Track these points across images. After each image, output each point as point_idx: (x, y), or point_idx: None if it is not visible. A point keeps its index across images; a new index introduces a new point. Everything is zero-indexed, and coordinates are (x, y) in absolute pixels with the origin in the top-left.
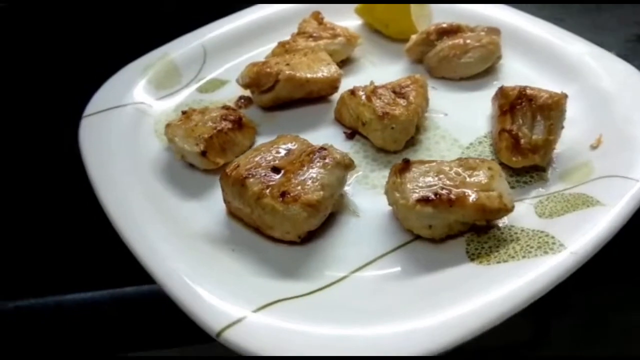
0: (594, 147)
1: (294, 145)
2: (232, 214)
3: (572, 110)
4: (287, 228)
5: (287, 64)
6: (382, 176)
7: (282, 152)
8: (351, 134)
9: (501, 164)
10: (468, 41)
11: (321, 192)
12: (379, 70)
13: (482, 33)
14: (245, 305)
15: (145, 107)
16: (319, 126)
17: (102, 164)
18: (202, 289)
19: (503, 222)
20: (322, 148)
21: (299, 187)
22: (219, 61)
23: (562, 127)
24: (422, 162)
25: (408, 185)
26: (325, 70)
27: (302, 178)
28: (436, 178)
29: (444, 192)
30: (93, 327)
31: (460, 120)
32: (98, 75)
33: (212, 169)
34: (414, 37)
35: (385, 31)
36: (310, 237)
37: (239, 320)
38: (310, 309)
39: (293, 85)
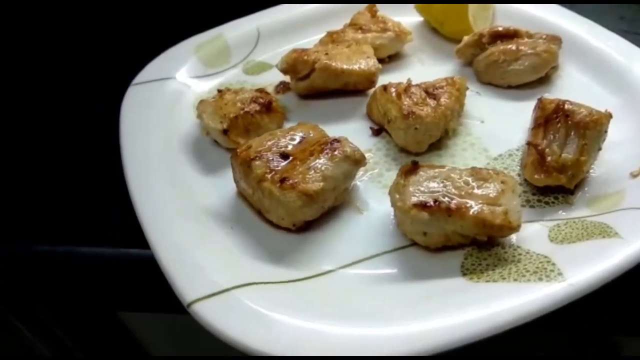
0: (634, 176)
1: (311, 134)
2: (240, 193)
3: (622, 132)
4: (282, 214)
5: (326, 54)
6: None
7: (297, 140)
8: (378, 130)
9: (527, 180)
10: (521, 47)
11: (321, 183)
12: (426, 69)
13: (541, 40)
14: (224, 281)
15: (190, 83)
16: (350, 119)
17: (135, 130)
18: (187, 259)
19: (510, 241)
20: (336, 140)
21: (301, 176)
22: (271, 46)
23: (599, 149)
24: (432, 167)
25: (410, 188)
26: (363, 63)
27: (307, 167)
28: (441, 185)
29: (444, 199)
30: (95, 279)
31: (496, 130)
32: (155, 49)
33: (235, 148)
34: (466, 38)
35: (440, 29)
36: (308, 226)
37: (212, 295)
38: (287, 296)
39: (328, 74)
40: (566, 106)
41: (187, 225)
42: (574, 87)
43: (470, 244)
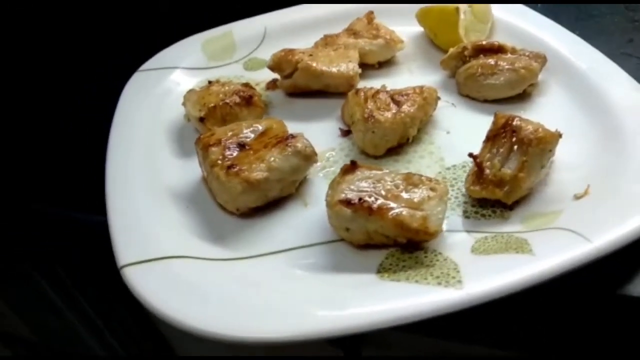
0: (577, 197)
1: (273, 128)
2: (203, 177)
3: (580, 154)
4: (226, 198)
5: (311, 55)
6: None
7: (258, 132)
8: (346, 131)
9: None
10: (500, 62)
11: (265, 173)
12: (413, 78)
13: (523, 57)
14: (159, 251)
15: (190, 74)
16: (326, 118)
17: (129, 111)
18: (133, 224)
19: (433, 246)
20: (292, 135)
21: (248, 164)
22: (275, 45)
23: (542, 167)
24: (371, 168)
25: (342, 186)
26: (343, 66)
27: (257, 157)
28: (372, 185)
29: (369, 199)
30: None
31: (459, 142)
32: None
33: None
34: (451, 49)
35: (434, 40)
36: (253, 213)
37: (144, 262)
38: (213, 273)
39: (309, 75)
40: (514, 122)
41: (147, 197)
42: (550, 106)
43: (395, 245)
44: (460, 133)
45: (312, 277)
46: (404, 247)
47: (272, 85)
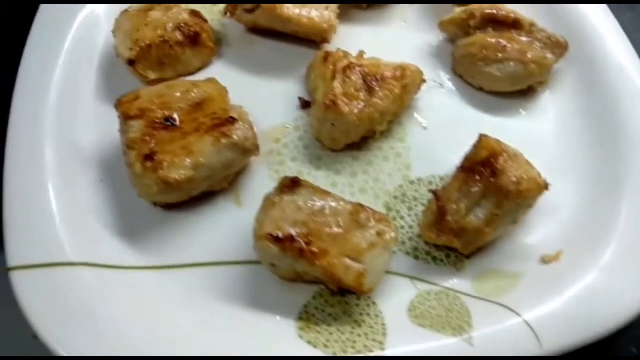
0: (545, 261)
1: (212, 99)
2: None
3: (575, 196)
4: (140, 192)
5: None
6: (297, 171)
7: (193, 101)
8: (306, 103)
9: None
10: (509, 46)
11: (190, 172)
12: (404, 32)
13: (538, 43)
14: (51, 255)
15: None
16: (288, 76)
17: (43, 36)
18: (30, 210)
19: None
20: (232, 119)
21: (170, 156)
22: None
23: (515, 222)
24: (316, 191)
25: (275, 211)
26: (317, 15)
27: (184, 145)
28: (310, 216)
29: (302, 239)
30: None
31: (433, 144)
32: None
33: (146, 81)
34: (457, 10)
35: None
36: (176, 205)
37: (32, 267)
38: (106, 288)
39: (272, 17)
40: (499, 162)
41: (53, 165)
42: (553, 112)
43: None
44: (439, 130)
45: (219, 306)
46: (334, 290)
47: (232, 10)
